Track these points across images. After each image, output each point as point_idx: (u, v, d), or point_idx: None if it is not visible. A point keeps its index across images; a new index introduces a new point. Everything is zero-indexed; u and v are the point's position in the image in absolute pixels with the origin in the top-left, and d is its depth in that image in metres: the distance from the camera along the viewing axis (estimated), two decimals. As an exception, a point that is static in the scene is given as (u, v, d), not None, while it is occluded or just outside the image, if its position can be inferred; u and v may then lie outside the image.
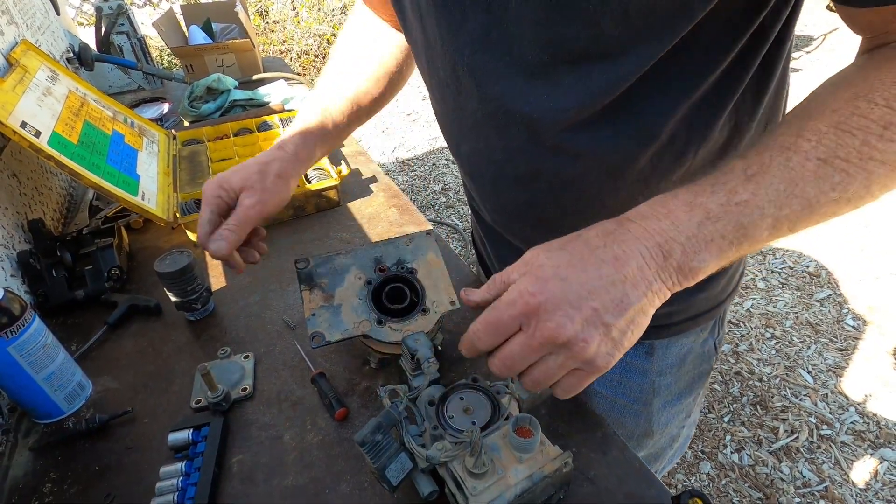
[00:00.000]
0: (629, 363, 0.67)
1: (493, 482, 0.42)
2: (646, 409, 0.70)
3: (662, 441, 0.77)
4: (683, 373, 0.69)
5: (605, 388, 0.70)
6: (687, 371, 0.69)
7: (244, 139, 1.12)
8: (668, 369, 0.67)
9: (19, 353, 0.54)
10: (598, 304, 0.34)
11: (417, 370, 0.52)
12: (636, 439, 0.74)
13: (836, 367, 1.70)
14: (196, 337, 0.70)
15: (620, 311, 0.34)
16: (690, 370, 0.69)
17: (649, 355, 0.66)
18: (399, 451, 0.44)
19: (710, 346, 0.69)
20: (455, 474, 0.43)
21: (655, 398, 0.69)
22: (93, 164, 0.81)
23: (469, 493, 0.42)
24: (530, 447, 0.43)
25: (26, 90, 0.80)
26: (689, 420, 0.79)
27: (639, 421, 0.71)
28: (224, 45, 1.55)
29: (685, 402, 0.72)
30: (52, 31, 1.28)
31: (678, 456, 0.87)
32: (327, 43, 4.43)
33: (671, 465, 0.90)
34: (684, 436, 0.82)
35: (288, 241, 0.89)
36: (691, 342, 0.67)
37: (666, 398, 0.70)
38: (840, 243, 2.17)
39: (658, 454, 0.80)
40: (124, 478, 0.54)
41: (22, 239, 0.79)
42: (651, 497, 0.48)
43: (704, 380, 0.73)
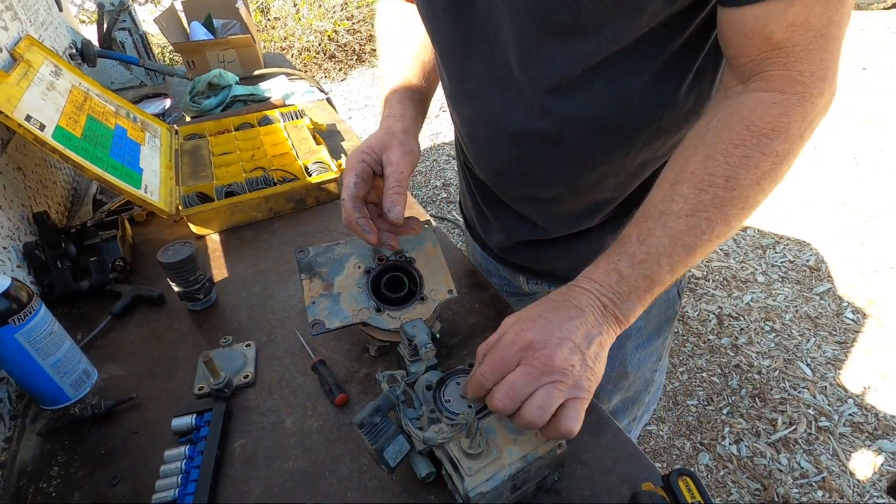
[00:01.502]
0: None
1: (489, 462, 0.44)
2: (620, 352, 0.77)
3: (637, 384, 0.84)
4: (652, 316, 0.76)
5: None
6: (655, 314, 0.76)
7: (245, 133, 1.13)
8: None
9: (27, 340, 0.56)
10: (575, 338, 0.43)
11: (415, 356, 0.53)
12: (613, 381, 0.80)
13: (836, 359, 1.71)
14: (198, 326, 0.72)
15: (589, 343, 0.43)
16: (658, 314, 0.77)
17: None
18: (397, 434, 0.45)
19: (673, 293, 0.77)
20: (451, 455, 0.44)
21: (628, 340, 0.76)
22: (96, 158, 0.82)
23: (465, 472, 0.43)
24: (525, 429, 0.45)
25: (30, 84, 0.81)
26: (661, 364, 0.87)
27: (614, 363, 0.77)
28: (225, 41, 1.56)
29: (655, 345, 0.80)
30: (54, 27, 1.29)
31: (653, 404, 0.95)
32: (328, 39, 4.44)
33: (649, 414, 0.96)
34: (657, 381, 0.89)
35: (289, 233, 0.90)
36: None
37: (637, 340, 0.77)
38: (840, 237, 2.17)
39: (635, 398, 0.86)
40: (129, 461, 0.55)
41: (27, 231, 0.81)
42: (643, 478, 0.49)
43: (671, 324, 0.81)
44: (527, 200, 0.69)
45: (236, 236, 0.90)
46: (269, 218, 0.94)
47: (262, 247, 0.87)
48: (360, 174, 0.56)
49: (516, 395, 0.41)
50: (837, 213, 2.31)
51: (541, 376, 0.41)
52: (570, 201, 0.66)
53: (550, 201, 0.66)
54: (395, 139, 0.58)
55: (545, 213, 0.68)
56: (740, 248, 2.20)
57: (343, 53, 4.51)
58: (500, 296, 0.74)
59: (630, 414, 0.88)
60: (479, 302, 0.72)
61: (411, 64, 0.69)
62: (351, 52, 4.54)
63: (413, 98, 0.67)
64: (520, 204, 0.70)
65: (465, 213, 0.87)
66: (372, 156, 0.57)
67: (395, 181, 0.55)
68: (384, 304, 0.61)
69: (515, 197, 0.69)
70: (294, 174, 0.98)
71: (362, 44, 4.59)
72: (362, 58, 4.55)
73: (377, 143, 0.58)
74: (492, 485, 0.43)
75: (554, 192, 0.65)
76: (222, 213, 0.90)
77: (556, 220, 0.69)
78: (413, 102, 0.66)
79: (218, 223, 0.91)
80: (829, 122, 2.88)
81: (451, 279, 0.63)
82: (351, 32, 4.56)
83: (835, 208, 2.34)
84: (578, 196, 0.65)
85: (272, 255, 0.85)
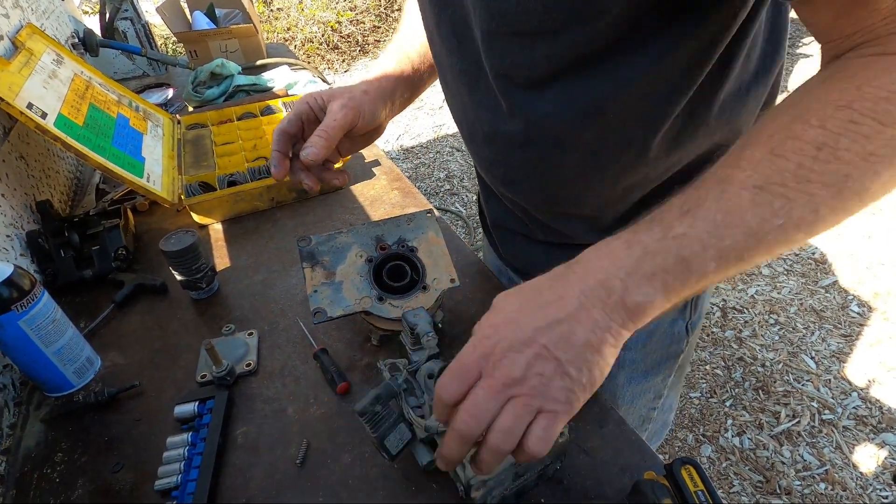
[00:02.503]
0: None
1: None
2: (611, 383, 0.70)
3: (630, 420, 0.77)
4: (650, 350, 0.69)
5: None
6: (653, 349, 0.69)
7: (248, 123, 1.13)
8: (634, 344, 0.67)
9: (30, 327, 0.56)
10: (545, 340, 0.34)
11: (417, 345, 0.53)
12: None
13: (840, 352, 1.70)
14: (201, 315, 0.72)
15: (569, 346, 0.34)
16: (657, 348, 0.70)
17: None
18: (398, 422, 0.45)
19: (680, 328, 0.69)
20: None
21: (620, 371, 0.70)
22: (98, 146, 0.82)
23: (466, 461, 0.43)
24: None
25: (32, 72, 0.81)
26: (662, 403, 0.78)
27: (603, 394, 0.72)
28: (228, 31, 1.55)
29: (652, 381, 0.73)
30: (56, 15, 1.28)
31: (655, 443, 0.86)
32: (331, 30, 4.41)
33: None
34: (659, 421, 0.81)
35: (291, 223, 0.90)
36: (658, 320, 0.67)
37: (631, 373, 0.71)
38: (847, 230, 2.15)
39: None
40: (132, 448, 0.55)
41: (30, 219, 0.81)
42: (645, 467, 0.49)
43: (674, 362, 0.73)
44: (509, 200, 0.66)
45: (238, 226, 0.90)
46: (271, 207, 0.94)
47: (264, 236, 0.87)
48: (298, 114, 0.58)
49: (479, 415, 0.34)
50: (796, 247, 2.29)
51: (504, 390, 0.34)
52: (547, 213, 0.62)
53: (530, 207, 0.63)
54: (346, 94, 0.59)
55: (529, 215, 0.65)
56: (745, 240, 2.19)
57: (346, 45, 4.48)
58: (504, 285, 0.73)
59: None
60: (482, 291, 0.72)
61: (416, 42, 0.67)
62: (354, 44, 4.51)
63: (396, 73, 0.65)
64: (506, 200, 0.67)
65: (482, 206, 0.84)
66: (318, 101, 0.59)
67: (323, 127, 0.56)
68: (386, 292, 0.60)
69: (501, 193, 0.67)
70: (296, 164, 0.97)
71: (365, 35, 4.56)
72: (366, 49, 4.53)
73: (328, 93, 0.59)
74: (493, 473, 0.42)
75: (534, 199, 0.61)
76: (224, 203, 0.90)
77: (540, 226, 0.65)
78: (394, 76, 0.65)
79: (220, 212, 0.90)
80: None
81: (454, 268, 0.63)
82: (354, 23, 4.53)
83: (841, 201, 2.32)
84: (556, 209, 0.61)
85: (274, 245, 0.84)
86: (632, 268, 0.34)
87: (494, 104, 0.53)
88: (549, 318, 0.35)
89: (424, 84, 0.70)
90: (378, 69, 0.65)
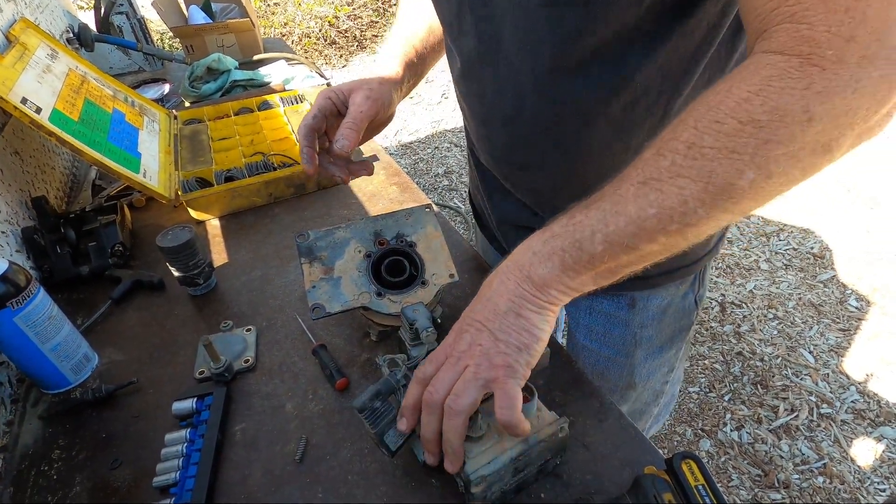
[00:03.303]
0: (613, 315, 0.71)
1: (489, 446, 0.43)
2: (628, 361, 0.74)
3: (646, 395, 0.80)
4: (664, 325, 0.72)
5: (590, 341, 0.74)
6: (668, 324, 0.72)
7: (245, 118, 1.12)
8: (650, 321, 0.70)
9: (25, 324, 0.55)
10: (480, 317, 0.42)
11: (416, 340, 0.52)
12: (619, 392, 0.77)
13: (838, 347, 1.70)
14: (199, 311, 0.71)
15: (495, 316, 0.42)
16: (671, 323, 0.72)
17: (631, 307, 0.69)
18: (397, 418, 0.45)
19: (690, 301, 0.72)
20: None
21: (638, 350, 0.73)
22: (94, 141, 0.81)
23: (465, 456, 0.43)
24: (527, 412, 0.44)
25: (26, 67, 0.80)
26: (673, 376, 0.82)
27: (622, 373, 0.75)
28: (224, 25, 1.54)
29: (667, 356, 0.76)
30: (50, 10, 1.27)
31: (664, 416, 0.90)
32: (328, 25, 4.38)
33: (658, 426, 0.93)
34: (669, 393, 0.85)
35: (289, 218, 0.90)
36: (671, 295, 0.69)
37: (647, 350, 0.73)
38: (846, 225, 2.15)
39: (642, 410, 0.83)
40: (130, 444, 0.55)
41: (26, 216, 0.80)
42: (646, 462, 0.49)
43: (686, 334, 0.76)
44: (525, 190, 0.66)
45: (236, 221, 0.90)
46: (269, 203, 0.93)
47: (262, 232, 0.87)
48: (321, 109, 0.61)
49: (439, 384, 0.42)
50: (842, 200, 2.29)
51: (457, 363, 0.42)
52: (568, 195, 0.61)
53: (549, 193, 0.63)
54: (365, 85, 0.61)
55: (544, 203, 0.65)
56: (744, 235, 2.19)
57: (344, 40, 4.46)
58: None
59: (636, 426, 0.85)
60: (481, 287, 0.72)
61: (417, 28, 0.69)
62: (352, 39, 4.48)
63: (404, 60, 0.67)
64: (519, 191, 0.67)
65: (473, 200, 0.85)
66: (339, 96, 0.61)
67: (351, 118, 0.59)
68: (385, 288, 0.60)
69: (514, 183, 0.67)
70: (294, 159, 0.97)
71: (363, 30, 4.53)
72: (363, 44, 4.50)
73: (347, 86, 0.62)
74: (493, 468, 0.42)
75: (550, 183, 0.61)
76: (222, 199, 0.89)
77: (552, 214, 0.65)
78: (404, 61, 0.67)
79: (218, 208, 0.90)
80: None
81: (453, 263, 0.63)
82: (352, 18, 4.50)
83: (840, 195, 2.32)
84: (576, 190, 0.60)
85: (272, 240, 0.84)
86: (538, 248, 0.42)
87: (518, 86, 0.54)
88: (482, 299, 0.44)
89: (427, 68, 0.72)
90: (386, 57, 0.67)
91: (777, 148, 0.33)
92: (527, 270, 0.41)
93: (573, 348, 0.79)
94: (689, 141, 0.35)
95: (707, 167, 0.35)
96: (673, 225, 0.37)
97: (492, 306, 0.42)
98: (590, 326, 0.74)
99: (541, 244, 0.42)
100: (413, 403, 0.44)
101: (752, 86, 0.34)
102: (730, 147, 0.34)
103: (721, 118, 0.34)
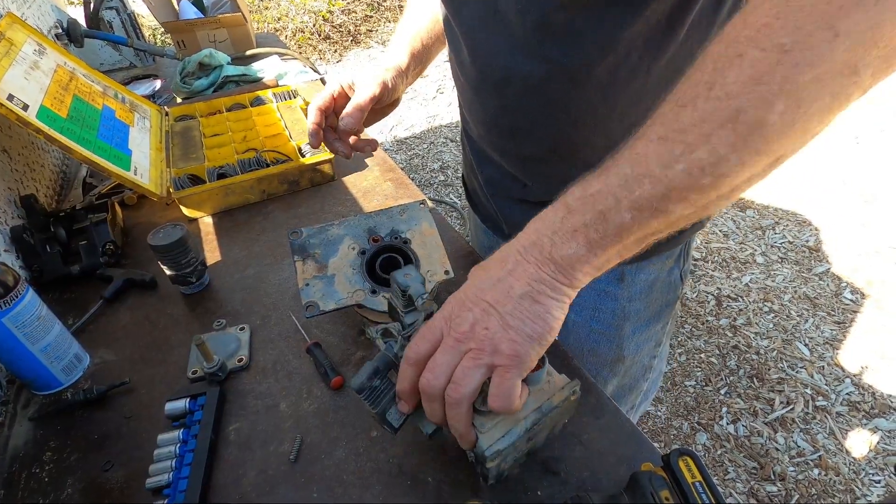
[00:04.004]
0: (603, 290, 0.72)
1: (502, 418, 0.41)
2: (617, 335, 0.75)
3: (635, 370, 0.81)
4: (652, 300, 0.74)
5: (581, 316, 0.75)
6: (655, 298, 0.74)
7: (237, 114, 1.11)
8: (638, 295, 0.72)
9: (14, 325, 0.55)
10: (489, 298, 0.38)
11: (410, 307, 0.48)
12: (609, 365, 0.78)
13: (833, 340, 1.71)
14: (191, 310, 0.71)
15: (508, 300, 0.38)
16: (658, 297, 0.74)
17: (620, 281, 0.71)
18: None
19: (675, 276, 0.74)
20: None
21: (626, 323, 0.74)
22: (83, 139, 0.80)
23: (477, 430, 0.40)
24: (537, 379, 0.42)
25: (12, 63, 0.79)
26: (660, 350, 0.84)
27: (611, 346, 0.76)
28: (216, 20, 1.52)
29: (654, 329, 0.78)
30: (38, 5, 1.25)
31: (653, 392, 0.92)
32: (322, 20, 4.35)
33: (647, 403, 0.94)
34: (657, 369, 0.86)
35: (283, 215, 0.89)
36: (658, 269, 0.71)
37: (636, 323, 0.75)
38: (841, 218, 2.16)
39: (632, 385, 0.84)
40: (123, 445, 0.54)
41: (15, 215, 0.79)
42: (643, 458, 0.49)
43: (672, 309, 0.78)
44: (513, 158, 0.66)
45: (229, 219, 0.89)
46: (262, 200, 0.92)
47: (255, 229, 0.86)
48: (331, 91, 0.69)
49: (436, 369, 0.38)
50: (838, 193, 2.30)
51: (457, 345, 0.38)
52: (556, 161, 0.62)
53: (537, 161, 0.63)
54: (372, 72, 0.68)
55: (532, 173, 0.65)
56: (740, 229, 2.19)
57: (338, 34, 4.42)
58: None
59: (627, 402, 0.87)
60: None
61: (422, 19, 0.73)
62: (346, 34, 4.45)
63: (409, 50, 0.72)
64: (508, 161, 0.67)
65: (466, 181, 0.85)
66: (348, 80, 0.69)
67: (356, 99, 0.66)
68: (379, 285, 0.60)
69: (503, 153, 0.67)
70: (287, 155, 0.96)
71: (357, 24, 4.50)
72: (357, 39, 4.47)
73: (350, 75, 0.70)
74: (507, 441, 0.40)
75: (539, 149, 0.62)
76: (215, 196, 0.88)
77: (544, 182, 0.65)
78: (408, 53, 0.72)
79: (210, 206, 0.89)
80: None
81: (448, 260, 0.62)
82: (346, 13, 4.46)
83: (835, 188, 2.32)
84: (564, 156, 0.61)
85: (266, 238, 0.83)
86: (557, 226, 0.38)
87: (510, 45, 0.55)
88: (492, 278, 0.39)
89: (431, 58, 0.76)
90: (393, 47, 0.73)
91: (805, 72, 0.31)
92: (548, 252, 0.37)
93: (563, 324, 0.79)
94: (710, 81, 0.33)
95: (733, 106, 0.32)
96: (705, 178, 0.33)
97: (505, 288, 0.38)
98: (580, 301, 0.74)
99: (559, 221, 0.38)
100: (409, 388, 0.41)
101: (770, 11, 0.31)
102: (755, 78, 0.31)
103: (742, 50, 0.32)
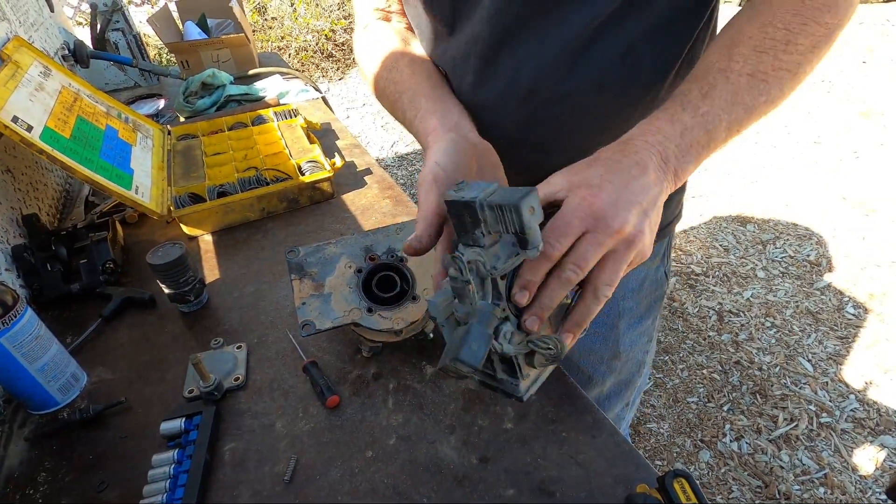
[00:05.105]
0: None
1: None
2: (613, 332, 0.78)
3: (630, 366, 0.84)
4: (642, 296, 0.78)
5: None
6: (645, 295, 0.78)
7: (238, 133, 1.12)
8: (630, 293, 0.76)
9: (12, 344, 0.55)
10: (643, 201, 0.40)
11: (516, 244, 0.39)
12: (606, 363, 0.80)
13: (837, 355, 1.69)
14: (189, 328, 0.71)
15: (654, 206, 0.41)
16: (648, 294, 0.78)
17: None
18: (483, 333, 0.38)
19: (661, 273, 0.79)
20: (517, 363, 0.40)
21: (620, 321, 0.77)
22: (85, 159, 0.81)
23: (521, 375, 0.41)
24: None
25: (18, 85, 0.81)
26: (651, 346, 0.88)
27: (607, 344, 0.79)
28: (219, 41, 1.55)
29: (646, 325, 0.82)
30: (45, 27, 1.28)
31: (644, 386, 0.96)
32: (325, 39, 4.42)
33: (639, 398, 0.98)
34: (648, 364, 0.91)
35: (282, 233, 0.89)
36: (646, 267, 0.76)
37: (629, 320, 0.78)
38: (841, 232, 2.16)
39: (628, 381, 0.87)
40: (118, 466, 0.54)
41: (16, 234, 0.80)
42: (639, 479, 0.49)
43: (660, 304, 0.83)
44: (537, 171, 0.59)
45: (229, 237, 0.89)
46: (262, 218, 0.93)
47: (254, 247, 0.86)
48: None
49: (584, 265, 0.38)
50: (838, 207, 2.30)
51: (609, 242, 0.38)
52: None
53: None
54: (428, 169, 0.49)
55: None
56: (740, 243, 2.19)
57: (341, 52, 4.49)
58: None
59: (623, 398, 0.89)
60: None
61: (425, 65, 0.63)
62: (349, 51, 4.52)
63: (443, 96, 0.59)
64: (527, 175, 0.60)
65: None
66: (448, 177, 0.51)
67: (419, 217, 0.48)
68: (376, 303, 0.60)
69: (524, 168, 0.62)
70: (287, 173, 0.97)
71: (360, 43, 4.56)
72: (360, 57, 4.53)
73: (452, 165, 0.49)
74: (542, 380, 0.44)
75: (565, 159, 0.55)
76: (214, 214, 0.89)
77: None
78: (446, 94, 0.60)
79: (210, 224, 0.90)
80: (828, 115, 2.87)
81: (444, 278, 0.62)
82: (348, 31, 4.54)
83: (835, 202, 2.33)
84: None
85: (265, 256, 0.84)
86: (678, 140, 0.42)
87: (540, 60, 0.56)
88: (640, 182, 0.40)
89: None
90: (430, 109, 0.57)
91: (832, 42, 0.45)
92: (673, 164, 0.42)
93: None
94: (786, 39, 0.44)
95: (797, 61, 0.44)
96: (771, 108, 0.45)
97: (654, 195, 0.41)
98: None
99: (678, 136, 0.42)
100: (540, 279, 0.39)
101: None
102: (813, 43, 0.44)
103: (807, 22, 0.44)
